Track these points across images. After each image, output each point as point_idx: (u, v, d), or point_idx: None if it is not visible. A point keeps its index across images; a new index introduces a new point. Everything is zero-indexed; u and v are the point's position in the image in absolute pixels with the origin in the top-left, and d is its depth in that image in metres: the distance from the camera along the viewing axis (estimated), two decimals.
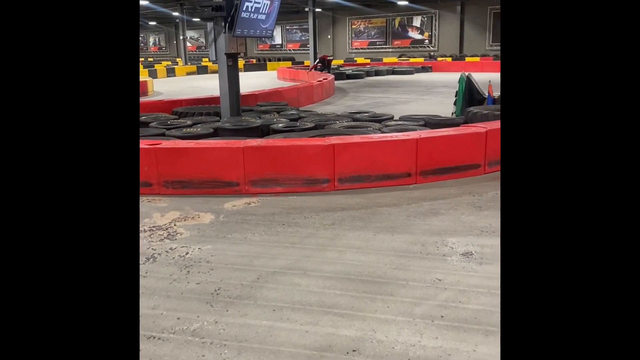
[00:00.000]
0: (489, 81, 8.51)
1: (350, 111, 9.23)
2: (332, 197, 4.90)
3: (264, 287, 3.11)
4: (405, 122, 7.27)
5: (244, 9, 7.60)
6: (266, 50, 35.49)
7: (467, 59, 24.49)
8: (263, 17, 8.27)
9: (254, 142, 5.28)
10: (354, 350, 2.45)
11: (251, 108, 9.34)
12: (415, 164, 5.23)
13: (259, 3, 7.97)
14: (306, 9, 21.26)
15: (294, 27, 33.69)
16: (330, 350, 2.46)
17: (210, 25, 8.01)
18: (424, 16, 29.44)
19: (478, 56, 25.29)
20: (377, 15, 30.46)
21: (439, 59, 25.98)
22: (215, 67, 13.07)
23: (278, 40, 35.59)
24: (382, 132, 6.41)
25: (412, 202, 4.68)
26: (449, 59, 25.54)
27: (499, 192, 3.99)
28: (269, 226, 4.18)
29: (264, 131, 7.13)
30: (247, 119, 7.81)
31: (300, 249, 3.68)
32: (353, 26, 32.42)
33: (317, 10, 22.69)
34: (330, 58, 19.83)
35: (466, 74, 8.54)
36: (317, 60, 19.55)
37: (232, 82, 8.22)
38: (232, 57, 8.14)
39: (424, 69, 23.49)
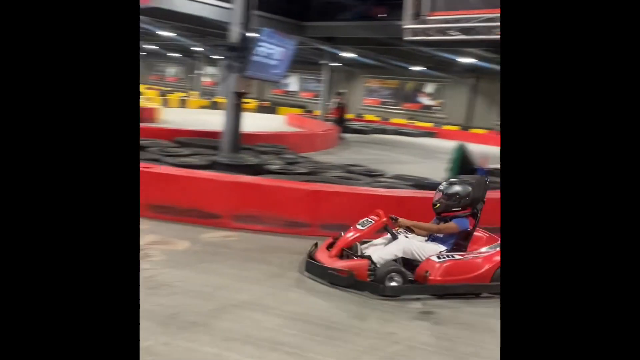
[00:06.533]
0: (483, 154, 8.68)
1: (346, 163, 9.40)
2: (309, 241, 4.96)
3: (221, 318, 3.15)
4: (395, 181, 7.40)
5: (257, 52, 7.93)
6: (280, 95, 36.16)
7: (472, 130, 24.84)
8: (275, 62, 8.60)
9: (242, 178, 5.40)
10: None
11: (251, 147, 9.52)
12: None
13: (272, 49, 8.30)
14: (321, 63, 21.87)
15: (310, 77, 34.49)
16: None
17: (224, 63, 8.33)
18: (437, 84, 30.14)
19: (484, 129, 25.70)
20: (391, 77, 31.19)
21: (444, 127, 26.36)
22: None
23: (294, 87, 36.36)
24: (371, 187, 6.53)
25: None
26: (455, 128, 25.91)
27: None
28: (240, 261, 4.24)
29: (258, 170, 7.26)
30: (244, 157, 7.97)
31: (266, 287, 3.73)
32: (367, 84, 33.15)
33: (335, 64, 23.25)
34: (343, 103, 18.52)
35: (461, 143, 8.71)
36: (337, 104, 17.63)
37: (235, 119, 8.45)
38: (239, 96, 8.40)
39: (429, 133, 23.86)
